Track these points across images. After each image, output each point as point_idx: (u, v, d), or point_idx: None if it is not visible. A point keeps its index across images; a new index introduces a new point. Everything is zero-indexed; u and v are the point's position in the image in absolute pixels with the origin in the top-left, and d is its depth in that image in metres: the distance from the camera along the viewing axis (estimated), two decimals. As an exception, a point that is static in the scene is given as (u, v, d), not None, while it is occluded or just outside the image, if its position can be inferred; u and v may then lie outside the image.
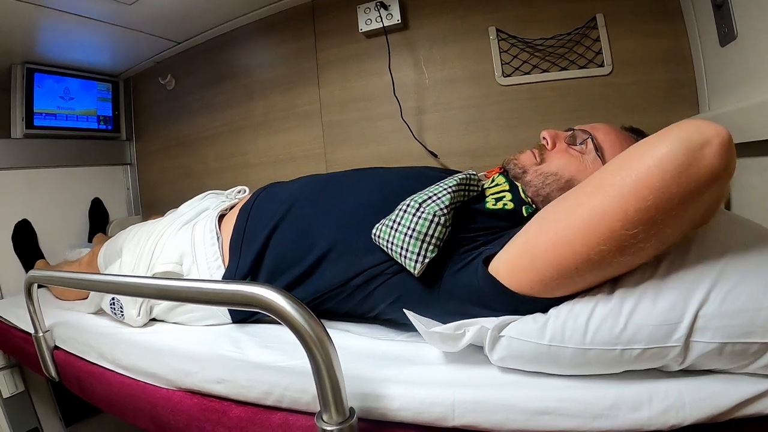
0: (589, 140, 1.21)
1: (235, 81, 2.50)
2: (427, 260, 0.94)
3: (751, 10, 1.32)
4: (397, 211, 1.01)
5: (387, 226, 1.00)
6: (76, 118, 2.61)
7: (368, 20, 2.05)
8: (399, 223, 0.98)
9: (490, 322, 0.83)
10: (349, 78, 2.17)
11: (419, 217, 0.96)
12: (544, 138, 1.24)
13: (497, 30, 1.92)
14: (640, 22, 1.81)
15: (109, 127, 2.80)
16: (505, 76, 1.94)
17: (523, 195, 1.15)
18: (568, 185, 1.13)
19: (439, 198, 1.00)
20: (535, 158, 1.22)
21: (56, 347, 1.34)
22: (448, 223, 0.97)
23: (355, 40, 2.16)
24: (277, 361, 0.97)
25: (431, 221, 0.95)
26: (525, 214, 1.10)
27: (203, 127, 2.61)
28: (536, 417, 0.76)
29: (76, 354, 1.27)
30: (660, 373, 0.78)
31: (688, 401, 0.72)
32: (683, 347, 0.73)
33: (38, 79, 2.41)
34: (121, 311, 1.29)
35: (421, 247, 0.94)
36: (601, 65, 1.84)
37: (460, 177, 1.09)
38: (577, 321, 0.78)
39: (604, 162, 1.16)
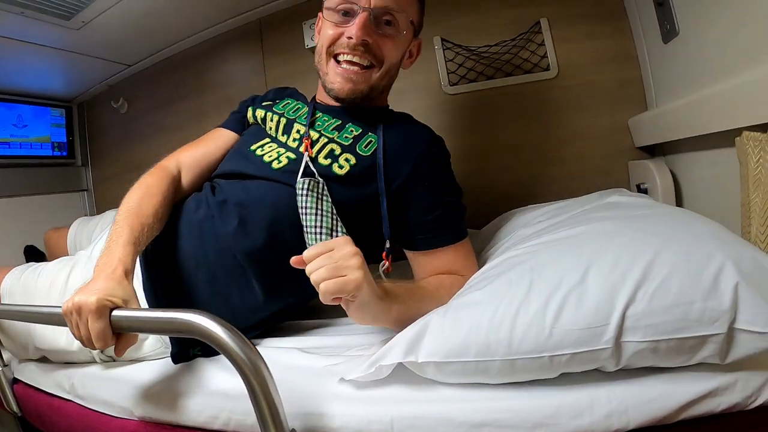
0: None
1: (187, 102, 2.48)
2: None
3: (691, 5, 1.36)
4: None
5: None
6: (30, 145, 2.57)
7: (314, 36, 2.03)
8: None
9: (400, 349, 0.82)
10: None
11: None
12: None
13: (442, 39, 1.94)
14: (584, 24, 1.85)
15: (64, 154, 2.76)
16: (451, 85, 1.95)
17: None
18: None
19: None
20: None
21: (15, 380, 1.31)
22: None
23: (302, 55, 2.16)
24: (227, 381, 0.95)
25: None
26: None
27: (159, 149, 2.49)
28: (475, 429, 0.76)
29: (35, 386, 1.25)
30: (602, 374, 0.78)
31: (631, 405, 0.73)
32: (614, 348, 0.73)
33: (-10, 107, 2.36)
34: None
35: None
36: (547, 69, 1.86)
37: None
38: (500, 332, 0.77)
39: None
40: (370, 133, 1.21)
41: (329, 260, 0.80)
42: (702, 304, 0.71)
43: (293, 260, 0.83)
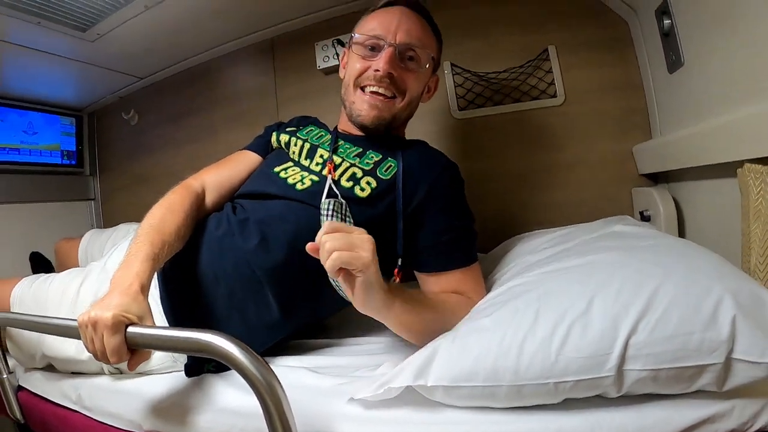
0: None
1: (198, 117, 2.50)
2: None
3: (696, 37, 1.37)
4: None
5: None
6: (39, 152, 2.59)
7: (326, 57, 2.10)
8: None
9: (410, 372, 0.84)
10: (307, 113, 2.15)
11: None
12: None
13: (452, 64, 1.96)
14: (591, 52, 1.87)
15: (73, 162, 2.78)
16: (460, 110, 1.98)
17: None
18: None
19: None
20: None
21: (20, 387, 1.32)
22: None
23: (313, 76, 2.19)
24: (238, 399, 0.97)
25: None
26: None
27: (167, 162, 2.59)
28: (478, 453, 0.77)
29: (40, 394, 1.26)
30: (604, 400, 0.80)
31: (631, 430, 0.75)
32: (616, 376, 0.75)
33: (1, 113, 2.40)
34: None
35: None
36: (554, 96, 1.89)
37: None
38: (507, 358, 0.79)
39: None
40: (389, 158, 1.26)
41: (345, 237, 0.83)
42: (701, 335, 0.74)
43: (309, 246, 0.84)
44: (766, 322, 0.74)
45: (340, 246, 0.81)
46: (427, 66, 1.32)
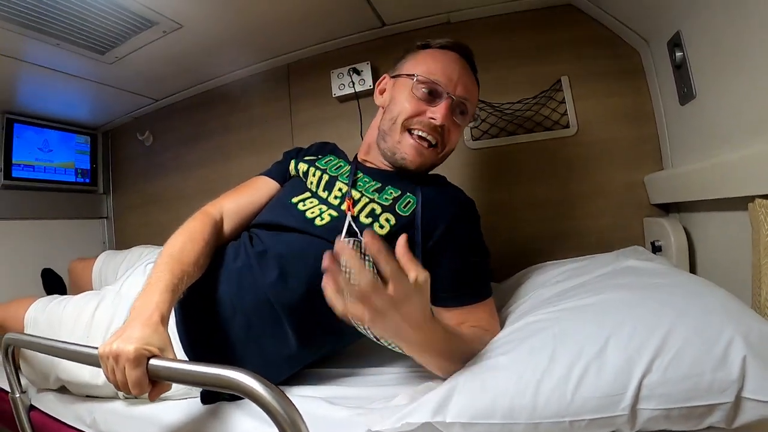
0: None
1: (211, 140, 2.52)
2: None
3: (708, 71, 1.39)
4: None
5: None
6: (54, 170, 2.62)
7: (341, 85, 2.12)
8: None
9: (428, 408, 0.84)
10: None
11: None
12: None
13: (466, 94, 1.97)
14: (603, 82, 1.89)
15: (87, 180, 2.80)
16: (474, 140, 1.99)
17: None
18: None
19: None
20: None
21: (32, 407, 1.32)
22: None
23: (328, 103, 2.20)
24: (254, 428, 0.97)
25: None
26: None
27: (180, 185, 2.61)
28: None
29: (53, 416, 1.27)
30: (615, 437, 0.81)
31: None
32: (630, 415, 0.77)
33: (18, 130, 2.43)
34: None
35: None
36: (567, 126, 1.90)
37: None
38: (525, 397, 0.80)
39: None
40: (408, 194, 1.26)
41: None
42: (712, 375, 0.75)
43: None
44: (775, 362, 0.75)
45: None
46: (470, 122, 1.35)
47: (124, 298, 1.30)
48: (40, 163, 2.55)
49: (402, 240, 0.80)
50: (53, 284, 2.48)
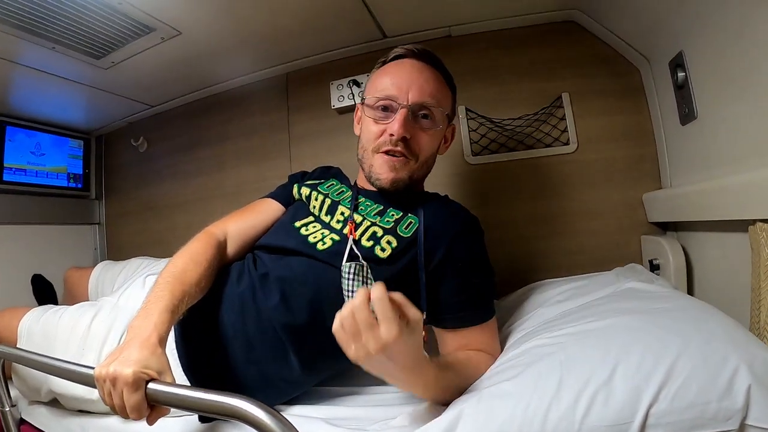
0: None
1: (208, 149, 2.49)
2: None
3: (710, 92, 1.39)
4: None
5: None
6: (46, 174, 2.58)
7: (341, 97, 2.10)
8: None
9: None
10: (319, 153, 2.18)
11: None
12: None
13: (467, 109, 1.98)
14: (604, 99, 1.89)
15: (79, 186, 2.76)
16: (473, 155, 1.98)
17: None
18: None
19: None
20: None
21: (23, 421, 1.30)
22: None
23: (327, 115, 2.18)
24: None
25: None
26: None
27: (174, 193, 2.58)
28: None
29: (44, 430, 1.25)
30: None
31: None
32: None
33: (10, 133, 2.39)
34: None
35: None
36: (567, 143, 1.90)
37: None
38: (532, 425, 0.79)
39: None
40: (410, 215, 1.26)
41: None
42: (717, 404, 0.75)
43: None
44: (779, 390, 0.76)
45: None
46: (441, 125, 1.30)
47: (122, 310, 1.29)
48: (32, 167, 2.51)
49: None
50: (43, 291, 2.45)
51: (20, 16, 1.59)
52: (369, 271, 1.14)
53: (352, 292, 1.11)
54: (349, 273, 1.12)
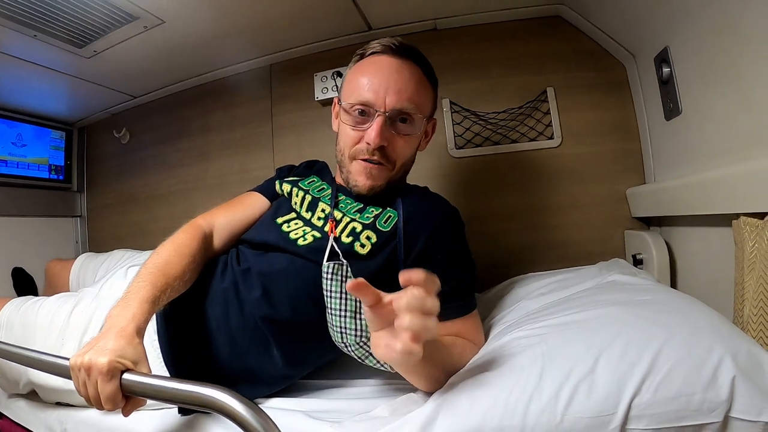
0: None
1: (190, 140, 2.46)
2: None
3: (695, 87, 1.39)
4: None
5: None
6: (27, 166, 2.54)
7: (324, 89, 2.09)
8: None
9: (413, 428, 0.82)
10: (303, 145, 2.18)
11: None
12: None
13: (451, 102, 1.98)
14: (588, 94, 1.90)
15: (61, 177, 2.72)
16: (457, 148, 1.98)
17: None
18: None
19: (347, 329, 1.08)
20: None
21: (1, 415, 1.29)
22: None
23: (310, 107, 2.17)
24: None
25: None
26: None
27: (157, 184, 2.55)
28: None
29: (22, 424, 1.24)
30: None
31: None
32: None
33: (-10, 123, 2.35)
34: None
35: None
36: (551, 137, 1.90)
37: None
38: (514, 417, 0.79)
39: None
40: (389, 209, 1.25)
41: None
42: (702, 395, 0.75)
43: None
44: (762, 382, 0.76)
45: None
46: (420, 129, 1.28)
47: (103, 300, 1.27)
48: (13, 158, 2.47)
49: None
50: (24, 284, 2.43)
51: (1, 3, 1.56)
52: (349, 270, 1.13)
53: (332, 291, 1.10)
54: (328, 273, 1.11)
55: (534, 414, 0.78)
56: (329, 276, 1.11)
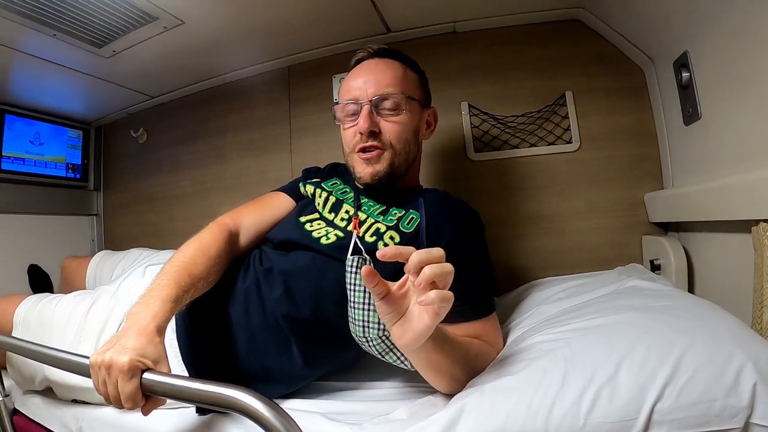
0: None
1: (208, 141, 2.47)
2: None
3: (714, 93, 1.38)
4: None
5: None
6: (44, 164, 2.56)
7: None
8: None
9: (435, 429, 0.82)
10: (320, 147, 2.17)
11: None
12: None
13: (469, 105, 1.97)
14: (607, 99, 1.89)
15: (78, 176, 2.74)
16: (476, 152, 1.97)
17: None
18: None
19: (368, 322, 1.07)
20: None
21: (16, 411, 1.28)
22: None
23: (328, 109, 2.12)
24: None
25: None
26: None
27: (173, 185, 2.56)
28: None
29: (37, 421, 1.24)
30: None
31: None
32: None
33: (9, 121, 2.38)
34: None
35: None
36: (569, 141, 1.89)
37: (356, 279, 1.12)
38: (536, 421, 0.79)
39: None
40: (411, 210, 1.27)
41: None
42: (723, 401, 0.75)
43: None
44: (783, 388, 0.76)
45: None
46: (406, 110, 1.32)
47: (120, 299, 1.28)
48: (31, 156, 2.49)
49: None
50: (40, 281, 2.45)
51: (22, 2, 1.57)
52: (373, 265, 1.13)
53: (356, 285, 1.10)
54: (352, 267, 1.11)
55: (557, 418, 0.78)
56: (353, 270, 1.11)
